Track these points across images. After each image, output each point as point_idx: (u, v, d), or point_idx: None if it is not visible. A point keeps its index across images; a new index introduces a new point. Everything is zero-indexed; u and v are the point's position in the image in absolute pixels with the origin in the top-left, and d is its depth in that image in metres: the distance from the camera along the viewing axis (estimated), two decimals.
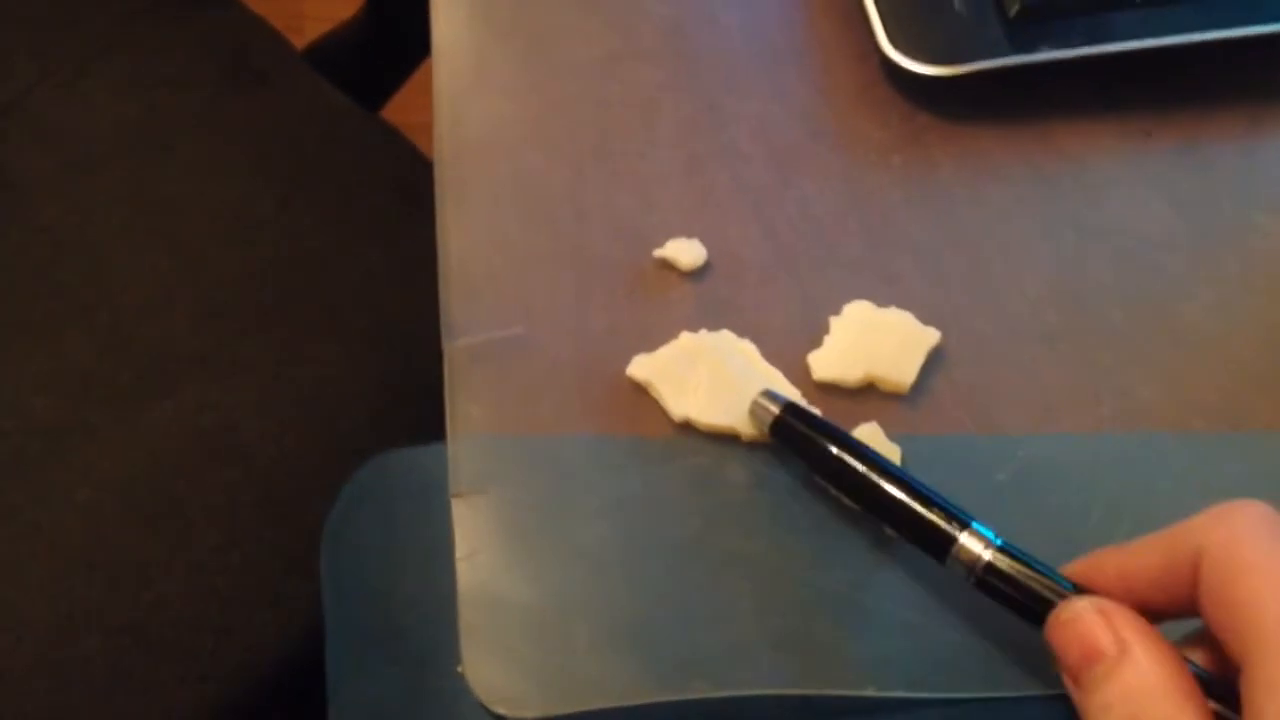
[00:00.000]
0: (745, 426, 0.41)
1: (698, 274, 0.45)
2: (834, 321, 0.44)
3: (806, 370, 0.43)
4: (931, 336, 0.43)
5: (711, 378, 0.42)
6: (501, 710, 0.39)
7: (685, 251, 0.44)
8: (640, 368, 0.42)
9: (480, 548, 0.41)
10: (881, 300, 0.44)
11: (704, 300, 0.44)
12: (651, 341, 0.43)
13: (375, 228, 0.71)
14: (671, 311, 0.44)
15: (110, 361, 0.65)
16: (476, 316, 0.44)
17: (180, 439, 0.64)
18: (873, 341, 0.43)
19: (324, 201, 0.71)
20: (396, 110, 0.86)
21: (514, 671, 0.39)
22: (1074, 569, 0.36)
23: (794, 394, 0.42)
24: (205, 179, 0.70)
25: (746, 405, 0.41)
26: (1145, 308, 0.45)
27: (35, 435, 0.64)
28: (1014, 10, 0.47)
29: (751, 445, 0.42)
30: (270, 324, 0.67)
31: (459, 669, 0.39)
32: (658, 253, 0.44)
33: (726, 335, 0.43)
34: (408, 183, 0.73)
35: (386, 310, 0.69)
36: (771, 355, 0.43)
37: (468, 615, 0.40)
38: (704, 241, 0.45)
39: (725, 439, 0.42)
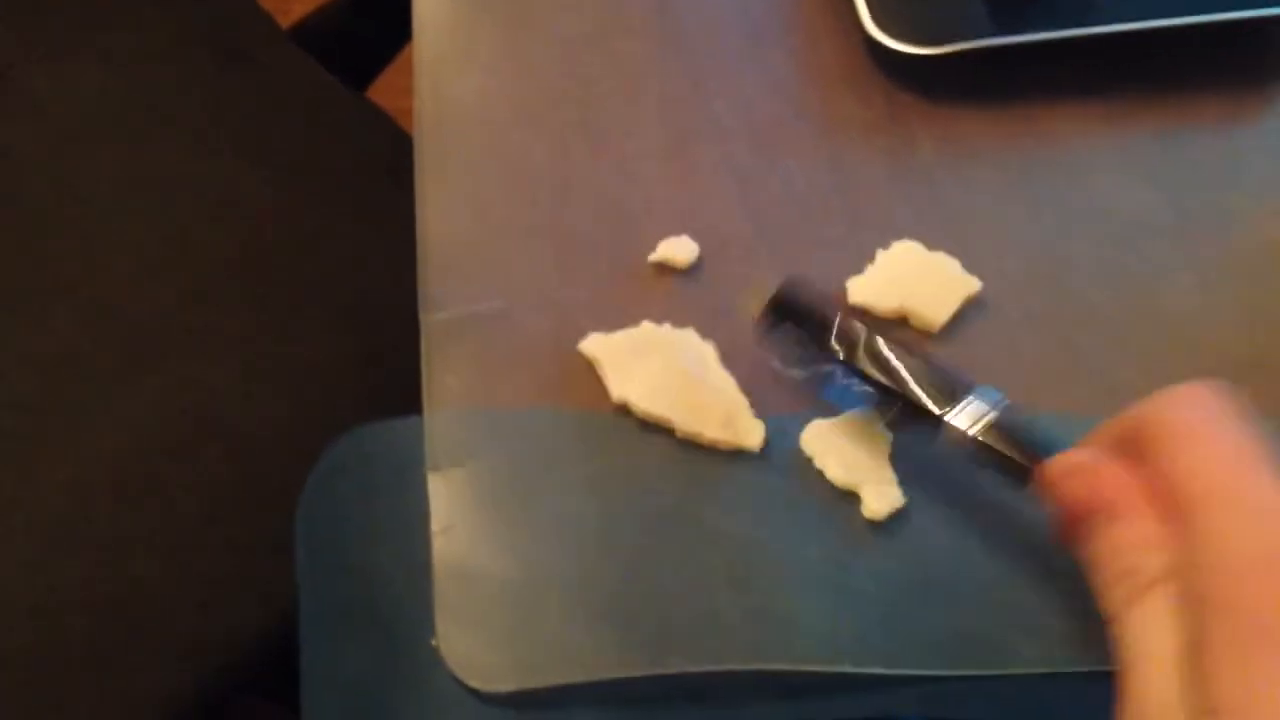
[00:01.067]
0: (682, 422, 0.41)
1: None
2: (881, 254, 0.44)
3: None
4: (972, 284, 0.44)
5: (662, 369, 0.42)
6: (475, 683, 0.39)
7: (680, 251, 0.44)
8: (593, 344, 0.42)
9: (456, 521, 0.41)
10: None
11: (685, 281, 0.44)
12: (629, 321, 0.43)
13: (360, 207, 0.71)
14: (651, 291, 0.44)
15: (93, 338, 0.65)
16: (455, 290, 0.43)
17: (163, 417, 0.64)
18: (914, 278, 0.44)
19: (309, 181, 0.71)
20: (383, 93, 0.85)
21: (489, 645, 0.39)
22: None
23: (742, 402, 0.42)
24: (191, 156, 0.70)
25: (690, 402, 0.41)
26: (1125, 291, 0.45)
27: (16, 410, 0.63)
28: None
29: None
30: (254, 302, 0.67)
31: (434, 642, 0.39)
32: (653, 257, 0.44)
33: (690, 334, 0.43)
34: (393, 163, 0.73)
35: (371, 290, 0.69)
36: (751, 337, 0.43)
37: (443, 588, 0.40)
38: (686, 220, 0.45)
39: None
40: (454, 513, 0.41)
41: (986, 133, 0.47)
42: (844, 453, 0.41)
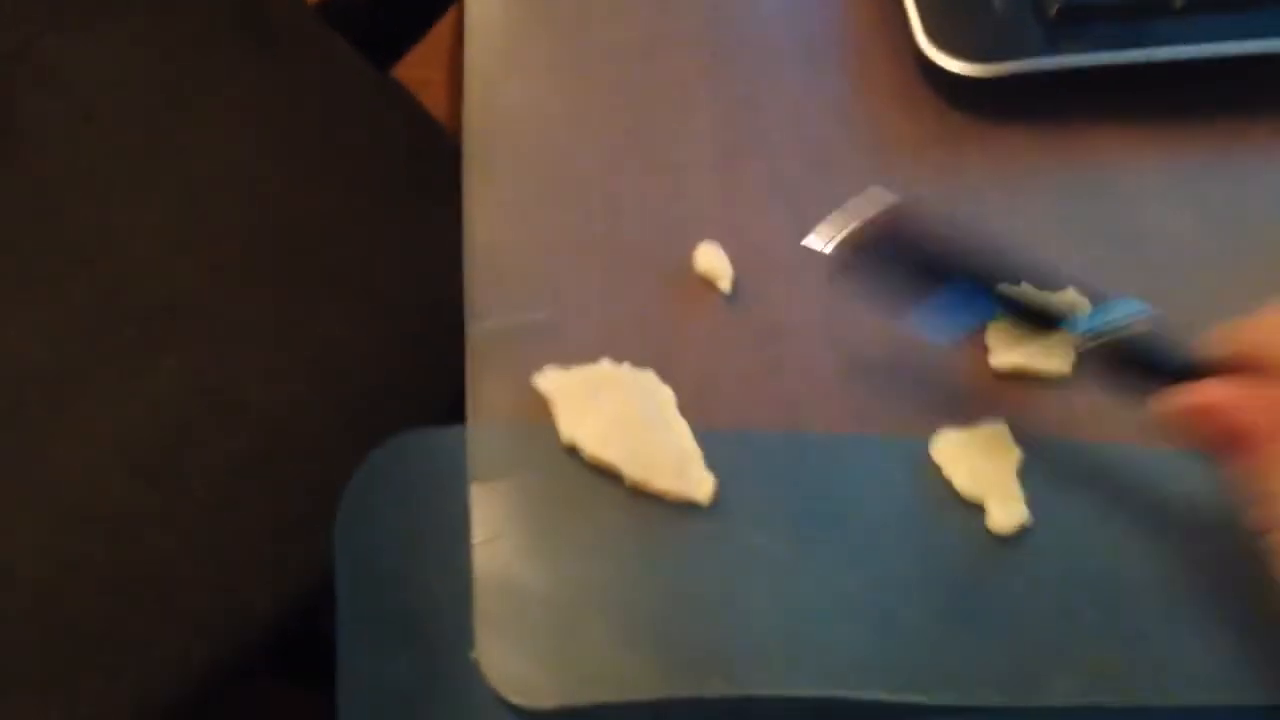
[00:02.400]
0: (630, 470, 0.41)
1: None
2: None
3: (834, 367, 0.43)
4: None
5: (615, 413, 0.41)
6: (515, 699, 0.39)
7: (720, 272, 0.44)
8: (547, 381, 0.42)
9: (498, 534, 0.40)
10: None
11: (732, 302, 0.44)
12: (673, 335, 0.43)
13: (383, 191, 0.71)
14: (697, 311, 0.44)
15: (113, 315, 0.65)
16: (500, 299, 0.43)
17: (181, 396, 0.63)
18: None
19: (332, 163, 0.70)
20: (402, 65, 0.85)
21: (528, 660, 0.39)
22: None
23: (695, 452, 0.41)
24: (214, 134, 0.69)
25: (640, 449, 0.41)
26: (1173, 320, 0.45)
27: (34, 385, 0.63)
28: (1053, 11, 0.46)
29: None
30: (275, 285, 0.66)
31: (473, 655, 0.39)
32: (697, 268, 0.44)
33: (649, 376, 0.42)
34: (417, 147, 0.72)
35: (392, 276, 0.68)
36: (795, 356, 0.43)
37: (483, 602, 0.39)
38: (735, 236, 0.44)
39: None
40: (496, 525, 0.40)
41: (1037, 154, 0.47)
42: (974, 464, 0.41)
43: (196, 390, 0.63)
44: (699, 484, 0.41)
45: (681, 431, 0.42)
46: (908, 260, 0.39)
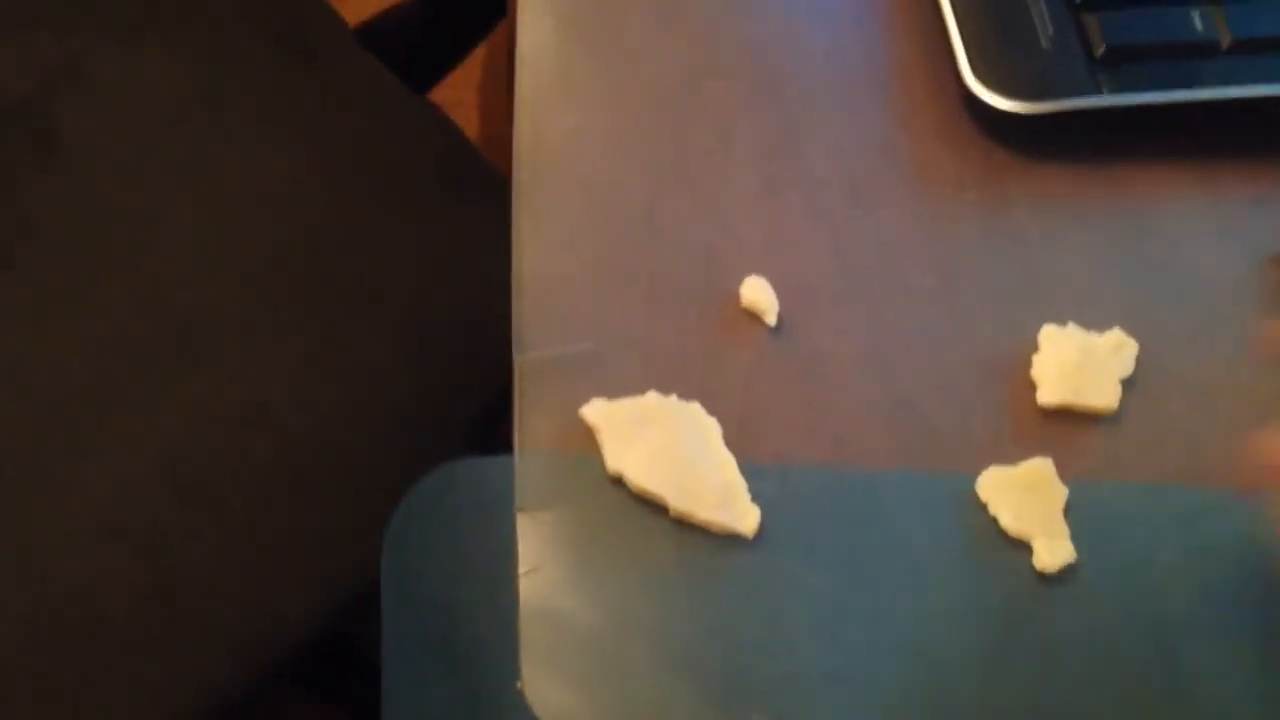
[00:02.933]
0: (676, 500, 0.41)
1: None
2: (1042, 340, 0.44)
3: (879, 401, 0.43)
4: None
5: (662, 443, 0.42)
6: None
7: (761, 295, 0.44)
8: (594, 411, 0.42)
9: (543, 563, 0.41)
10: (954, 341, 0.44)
11: (777, 335, 0.44)
12: (717, 368, 0.43)
13: (417, 211, 0.71)
14: (741, 343, 0.44)
15: (150, 327, 0.65)
16: (547, 330, 0.43)
17: (216, 409, 0.64)
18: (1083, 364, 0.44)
19: (368, 181, 0.71)
20: (441, 86, 0.85)
21: (573, 691, 0.39)
22: None
23: (741, 485, 0.42)
24: (252, 150, 0.70)
25: (686, 481, 0.41)
26: (1214, 359, 0.45)
27: (71, 397, 0.63)
28: (1100, 51, 0.47)
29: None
30: (310, 301, 0.67)
31: (519, 685, 0.39)
32: (744, 301, 0.44)
33: (695, 408, 0.43)
34: (451, 168, 0.73)
35: (425, 296, 0.69)
36: (840, 389, 0.43)
37: (529, 631, 0.40)
38: (776, 267, 0.45)
39: None
40: (541, 554, 0.41)
41: (1081, 193, 0.47)
42: (1020, 502, 0.42)
43: (231, 405, 0.64)
44: (743, 516, 0.41)
45: (727, 463, 0.42)
46: None
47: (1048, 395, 0.43)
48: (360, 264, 0.69)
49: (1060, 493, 0.42)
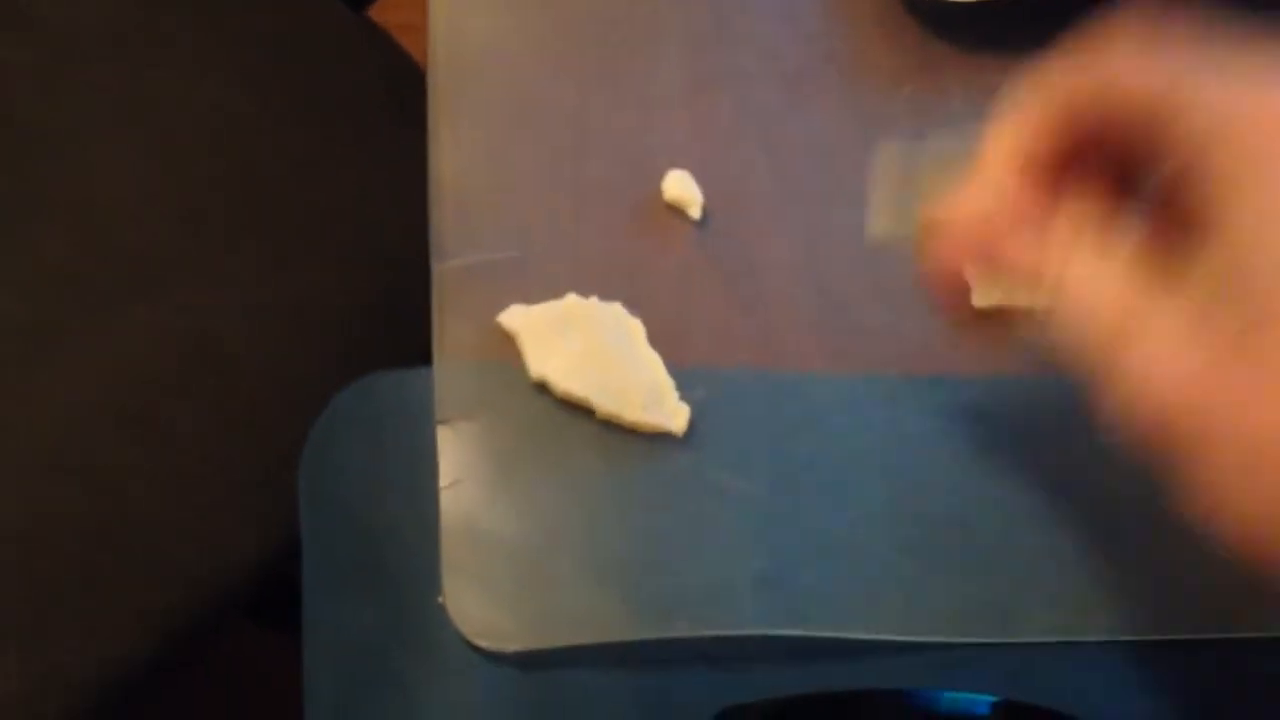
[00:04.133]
0: (601, 403, 0.40)
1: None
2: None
3: (810, 302, 0.42)
4: None
5: (585, 347, 0.40)
6: (482, 643, 0.38)
7: (686, 190, 0.43)
8: (512, 318, 0.41)
9: (465, 477, 0.40)
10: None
11: (704, 236, 0.43)
12: (643, 271, 0.42)
13: (362, 135, 0.70)
14: (670, 245, 0.42)
15: (88, 262, 0.64)
16: (468, 237, 0.42)
17: (160, 344, 0.63)
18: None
19: (310, 106, 0.69)
20: (379, 8, 0.83)
21: (495, 604, 0.38)
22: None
23: (669, 384, 0.40)
24: (190, 79, 0.68)
25: (612, 382, 0.40)
26: None
27: (8, 334, 0.62)
28: None
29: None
30: (254, 231, 0.65)
31: (440, 600, 0.38)
32: (666, 196, 0.43)
33: (616, 309, 0.41)
34: (396, 89, 0.71)
35: (374, 223, 0.67)
36: (770, 291, 0.42)
37: (450, 546, 0.39)
38: (707, 170, 0.43)
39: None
40: (463, 467, 0.40)
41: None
42: None
43: (173, 338, 0.63)
44: (673, 415, 0.40)
45: (654, 363, 0.41)
46: None
47: (982, 298, 0.42)
48: (307, 192, 0.67)
49: None
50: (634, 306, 0.41)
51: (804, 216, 0.43)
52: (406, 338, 0.66)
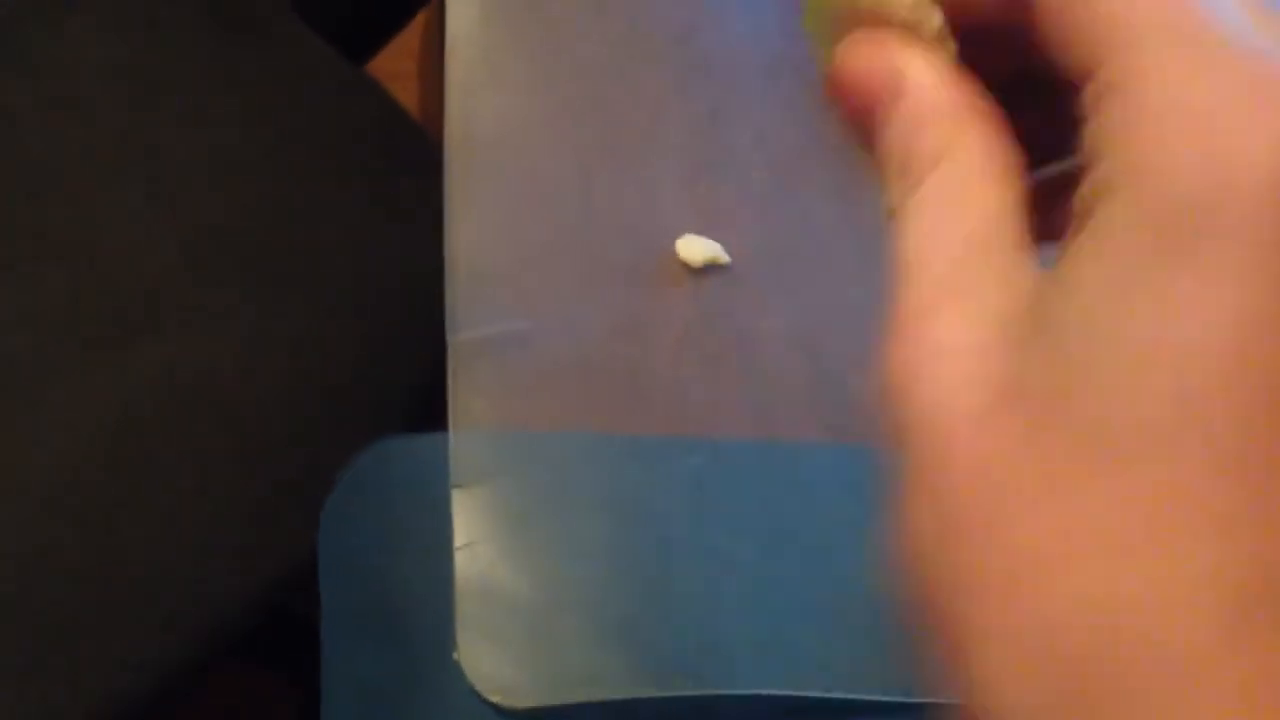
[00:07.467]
0: None
1: (701, 274, 0.46)
2: None
3: (803, 374, 0.45)
4: None
5: None
6: (495, 698, 0.40)
7: (698, 249, 0.45)
8: None
9: (478, 538, 0.42)
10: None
11: (703, 310, 0.45)
12: (646, 347, 0.44)
13: (356, 182, 0.71)
14: (670, 318, 0.45)
15: (87, 303, 0.65)
16: (481, 310, 0.44)
17: (156, 386, 0.63)
18: None
19: (306, 155, 0.70)
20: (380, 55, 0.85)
21: (508, 661, 0.41)
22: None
23: None
24: (190, 124, 0.69)
25: None
26: None
27: (6, 373, 0.63)
28: None
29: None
30: (248, 275, 0.67)
31: (455, 656, 0.40)
32: (680, 254, 0.45)
33: None
34: (389, 140, 0.73)
35: (368, 270, 0.69)
36: (768, 364, 0.44)
37: (465, 604, 0.41)
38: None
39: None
40: (476, 529, 0.42)
41: None
42: None
43: (171, 380, 0.64)
44: None
45: None
46: None
47: None
48: (299, 236, 0.68)
49: None
50: (635, 376, 0.44)
51: (798, 296, 0.46)
52: (394, 386, 0.67)
